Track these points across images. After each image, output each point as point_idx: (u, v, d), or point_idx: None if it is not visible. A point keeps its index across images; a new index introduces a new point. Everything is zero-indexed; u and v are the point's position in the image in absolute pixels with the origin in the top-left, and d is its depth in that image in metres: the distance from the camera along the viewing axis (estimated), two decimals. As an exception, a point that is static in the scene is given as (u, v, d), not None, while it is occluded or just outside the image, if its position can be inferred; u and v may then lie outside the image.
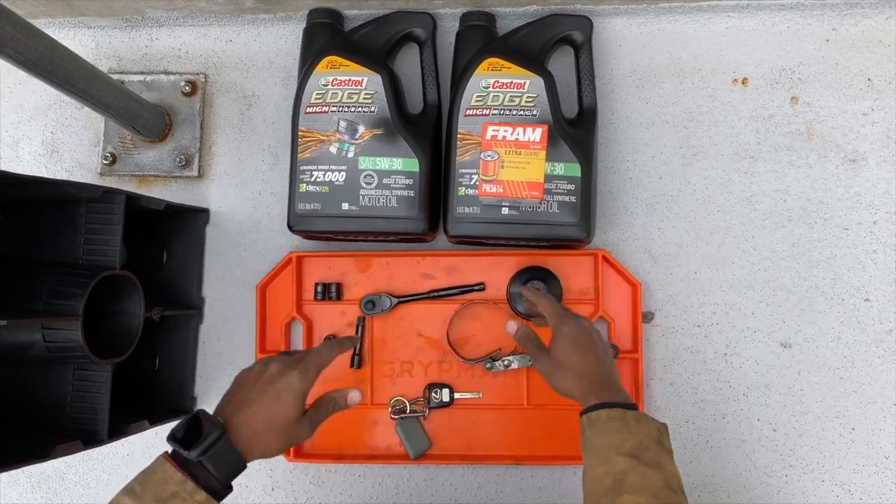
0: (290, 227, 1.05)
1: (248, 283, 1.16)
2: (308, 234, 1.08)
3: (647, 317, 1.11)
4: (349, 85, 1.03)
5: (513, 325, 0.91)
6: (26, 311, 0.86)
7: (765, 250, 1.11)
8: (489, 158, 1.01)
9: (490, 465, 1.10)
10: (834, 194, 1.11)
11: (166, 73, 1.21)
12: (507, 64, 1.02)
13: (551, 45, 1.08)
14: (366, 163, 1.03)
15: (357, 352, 1.11)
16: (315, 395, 0.82)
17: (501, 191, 1.00)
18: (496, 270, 1.11)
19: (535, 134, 1.00)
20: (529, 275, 1.08)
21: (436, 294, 1.11)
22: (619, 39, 1.15)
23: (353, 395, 0.82)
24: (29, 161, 1.22)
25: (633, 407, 0.77)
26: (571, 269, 1.10)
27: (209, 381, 1.16)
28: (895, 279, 1.09)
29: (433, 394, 1.10)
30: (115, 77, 1.19)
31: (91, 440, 0.91)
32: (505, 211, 1.01)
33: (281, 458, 1.12)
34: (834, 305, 1.09)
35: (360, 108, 1.03)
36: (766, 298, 1.10)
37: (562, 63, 1.13)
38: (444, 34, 1.16)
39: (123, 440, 0.98)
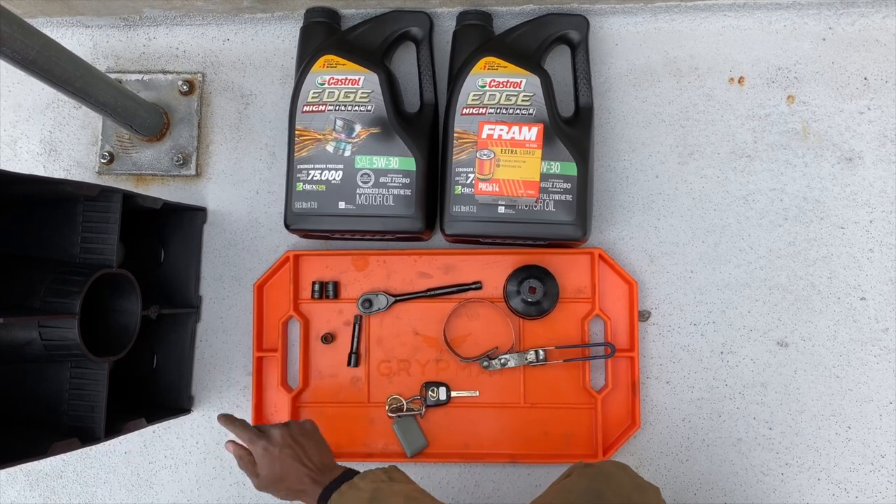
0: (286, 226, 1.05)
1: (246, 281, 1.16)
2: (305, 233, 1.09)
3: (644, 315, 1.11)
4: (346, 84, 1.03)
5: (230, 447, 0.90)
6: (23, 309, 0.86)
7: (761, 249, 1.11)
8: (485, 157, 1.01)
9: (487, 463, 1.11)
10: (830, 193, 1.11)
11: (164, 72, 1.21)
12: (503, 63, 1.02)
13: (548, 45, 1.08)
14: (362, 162, 1.03)
15: (354, 350, 1.12)
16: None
17: (497, 189, 1.01)
18: (493, 269, 1.12)
19: (531, 133, 1.00)
20: (526, 273, 1.08)
21: (433, 293, 1.11)
22: (615, 38, 1.16)
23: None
24: (27, 160, 1.22)
25: (353, 474, 0.82)
26: (568, 268, 1.10)
27: (206, 379, 1.16)
28: (891, 278, 1.09)
29: (430, 392, 1.10)
30: (112, 76, 1.19)
31: (88, 438, 0.91)
32: (501, 210, 1.01)
33: (278, 457, 1.12)
34: (830, 304, 1.09)
35: (356, 107, 1.03)
36: (762, 297, 1.10)
37: (558, 62, 1.14)
38: (441, 33, 1.16)
39: (121, 438, 0.98)
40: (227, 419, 0.90)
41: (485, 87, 1.02)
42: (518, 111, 1.01)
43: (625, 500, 0.77)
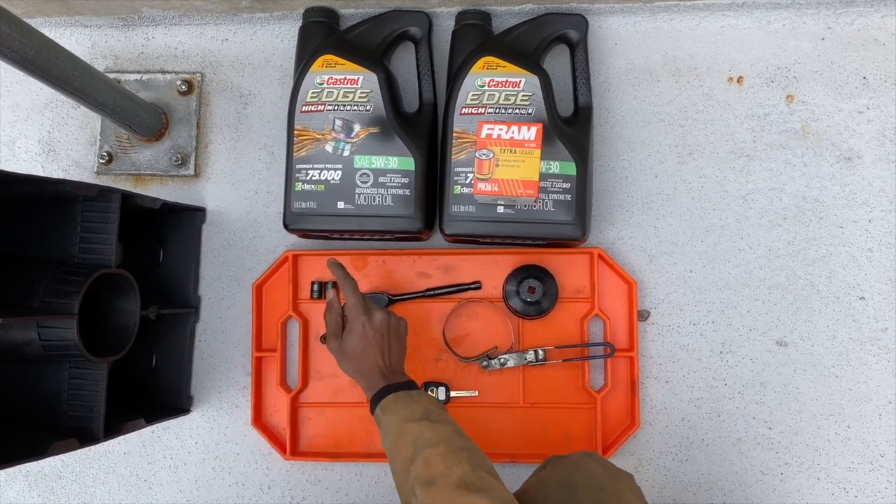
0: (285, 226, 1.05)
1: (245, 281, 1.16)
2: (304, 233, 1.08)
3: (643, 315, 1.11)
4: (345, 84, 1.03)
5: (331, 293, 0.97)
6: (22, 310, 0.86)
7: (760, 248, 1.11)
8: (484, 157, 1.01)
9: (486, 463, 1.10)
10: (829, 192, 1.11)
11: (163, 72, 1.21)
12: (502, 62, 1.02)
13: (547, 44, 1.08)
14: (361, 161, 1.03)
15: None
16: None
17: (497, 189, 1.01)
18: (492, 269, 1.12)
19: (531, 132, 1.00)
20: (525, 273, 1.08)
21: (432, 292, 1.11)
22: (614, 38, 1.15)
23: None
24: (25, 160, 1.22)
25: (415, 387, 0.87)
26: (567, 268, 1.10)
27: (205, 379, 1.16)
28: (890, 277, 1.09)
29: (429, 392, 1.10)
30: (111, 76, 1.19)
31: (87, 438, 0.91)
32: (500, 209, 1.01)
33: (277, 456, 1.12)
34: (829, 304, 1.09)
35: (355, 107, 1.03)
36: (761, 297, 1.10)
37: (557, 62, 1.14)
38: (440, 33, 1.16)
39: (120, 438, 0.98)
40: (341, 270, 0.94)
41: (484, 86, 1.02)
42: (517, 111, 1.01)
43: (598, 489, 0.78)
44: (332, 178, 1.03)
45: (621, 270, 1.09)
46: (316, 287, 1.12)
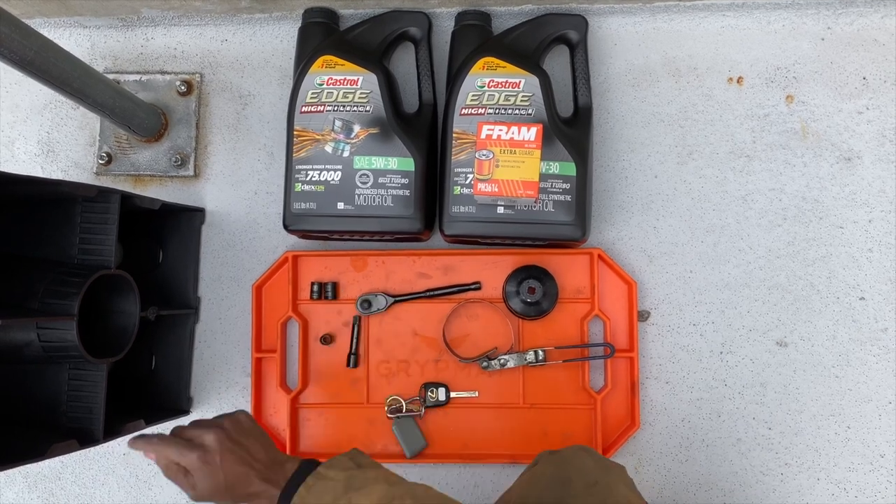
0: (285, 227, 1.05)
1: (244, 282, 1.16)
2: (304, 234, 1.08)
3: (643, 315, 1.11)
4: (344, 84, 1.03)
5: (162, 468, 0.76)
6: (22, 311, 0.86)
7: (760, 249, 1.11)
8: (484, 157, 1.01)
9: (486, 464, 1.10)
10: (829, 193, 1.11)
11: (162, 72, 1.20)
12: (502, 63, 1.02)
13: (546, 45, 1.08)
14: (361, 162, 1.03)
15: (353, 351, 1.11)
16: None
17: (497, 190, 1.01)
18: (492, 269, 1.11)
19: (530, 133, 1.00)
20: (525, 274, 1.08)
21: (432, 293, 1.11)
22: (614, 38, 1.15)
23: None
24: (24, 160, 1.21)
25: (313, 464, 0.74)
26: (567, 268, 1.10)
27: (205, 380, 1.16)
28: (890, 278, 1.09)
29: (429, 393, 1.10)
30: (110, 77, 1.18)
31: (87, 440, 0.91)
32: (500, 210, 1.01)
33: (277, 458, 1.12)
34: (829, 304, 1.09)
35: (355, 108, 1.03)
36: (761, 297, 1.10)
37: (557, 62, 1.13)
38: (440, 33, 1.16)
39: (119, 439, 0.98)
40: (141, 441, 0.76)
41: (483, 87, 1.02)
42: (517, 111, 1.01)
43: (591, 482, 0.77)
44: (332, 179, 1.03)
45: (621, 271, 1.09)
46: (316, 288, 1.12)
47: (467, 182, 1.01)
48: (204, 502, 0.74)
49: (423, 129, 1.07)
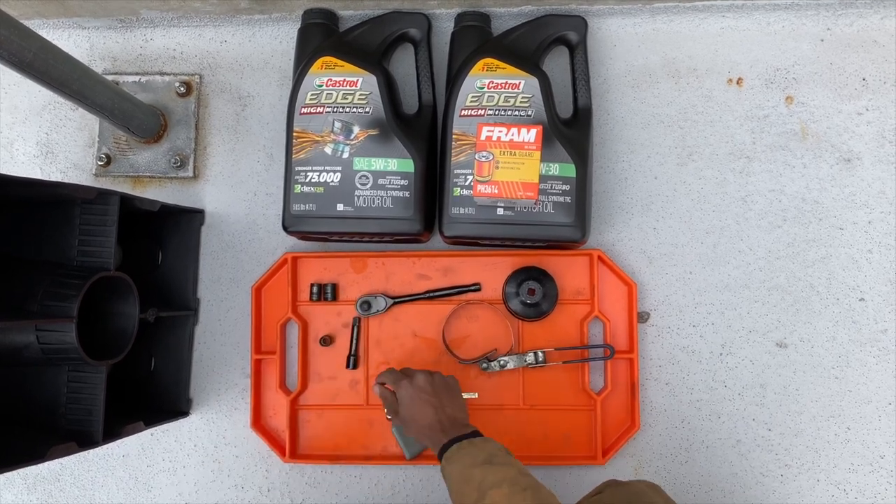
0: (285, 229, 1.05)
1: (244, 283, 1.16)
2: (303, 235, 1.08)
3: (643, 317, 1.11)
4: (344, 85, 1.03)
5: (376, 389, 1.00)
6: (21, 313, 0.85)
7: (760, 250, 1.11)
8: (484, 159, 1.01)
9: (486, 465, 1.10)
10: (829, 194, 1.11)
11: (161, 73, 1.20)
12: (501, 64, 1.02)
13: (546, 46, 1.08)
14: (361, 163, 1.02)
15: (353, 352, 1.11)
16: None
17: (496, 191, 1.00)
18: (492, 271, 1.11)
19: (530, 134, 1.00)
20: (525, 275, 1.08)
21: (431, 294, 1.11)
22: (613, 39, 1.15)
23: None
24: (23, 162, 1.21)
25: (479, 434, 0.87)
26: (567, 270, 1.10)
27: (204, 381, 1.16)
28: (890, 279, 1.09)
29: (429, 394, 1.10)
30: (109, 78, 1.18)
31: (86, 442, 0.91)
32: (500, 211, 1.01)
33: (277, 459, 1.12)
34: (829, 305, 1.09)
35: (354, 109, 1.03)
36: (761, 298, 1.10)
37: (557, 63, 1.13)
38: (439, 34, 1.16)
39: (119, 441, 0.98)
40: (386, 374, 0.99)
41: (483, 88, 1.02)
42: (517, 112, 1.01)
43: None
44: (332, 180, 1.03)
45: (621, 272, 1.09)
46: (315, 289, 1.12)
47: (467, 183, 1.01)
48: (400, 426, 0.97)
49: (423, 131, 1.07)
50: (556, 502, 0.76)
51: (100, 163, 1.19)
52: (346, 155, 1.03)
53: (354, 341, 1.12)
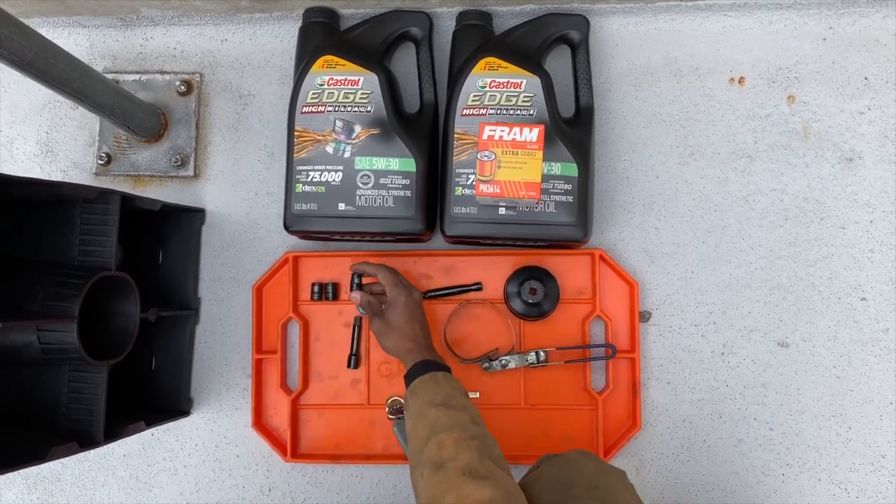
0: (286, 228, 1.04)
1: (245, 283, 1.15)
2: (304, 235, 1.08)
3: (644, 316, 1.11)
4: (345, 84, 1.03)
5: (356, 296, 1.03)
6: (21, 313, 0.85)
7: (762, 249, 1.11)
8: (486, 159, 1.00)
9: (487, 464, 1.10)
10: (831, 193, 1.11)
11: (161, 72, 1.20)
12: (503, 63, 1.02)
13: (548, 45, 1.08)
14: (362, 163, 1.02)
15: (354, 352, 1.11)
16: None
17: (498, 191, 1.00)
18: (493, 270, 1.11)
19: (532, 134, 1.00)
20: (527, 274, 1.08)
21: (433, 294, 1.11)
22: (615, 38, 1.15)
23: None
24: (23, 161, 1.21)
25: (446, 369, 0.92)
26: (568, 269, 1.10)
27: (205, 381, 1.15)
28: (892, 278, 1.09)
29: (430, 394, 1.09)
30: (109, 76, 1.18)
31: (87, 442, 0.91)
32: (502, 211, 1.00)
33: (278, 459, 1.12)
34: (831, 304, 1.09)
35: (356, 108, 1.02)
36: (762, 298, 1.10)
37: (559, 62, 1.13)
38: (441, 33, 1.15)
39: (120, 441, 0.98)
40: (370, 265, 1.03)
41: (485, 87, 1.01)
42: (519, 112, 1.00)
43: (592, 486, 0.79)
44: (333, 180, 1.02)
45: (622, 271, 1.09)
46: (316, 289, 1.12)
47: (468, 183, 1.01)
48: (376, 332, 0.99)
49: (425, 130, 1.06)
50: (498, 453, 0.79)
51: (100, 162, 1.19)
52: (347, 154, 1.02)
53: (356, 341, 1.11)
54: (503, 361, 1.08)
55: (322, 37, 1.09)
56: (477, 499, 0.68)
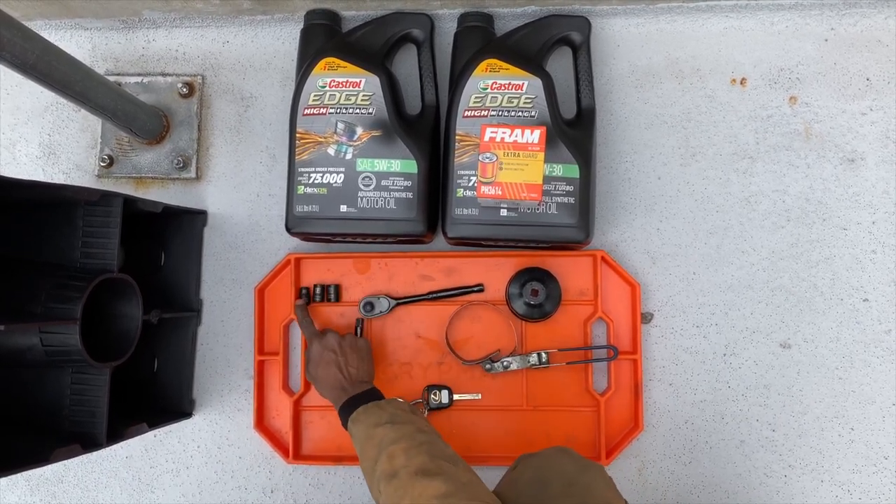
0: (288, 230, 1.05)
1: (247, 284, 1.16)
2: (306, 236, 1.08)
3: (646, 317, 1.11)
4: (347, 86, 1.03)
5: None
6: (24, 315, 0.85)
7: (763, 251, 1.10)
8: (488, 160, 1.01)
9: (490, 466, 1.09)
10: (833, 194, 1.11)
11: (163, 74, 1.20)
12: (505, 65, 1.02)
13: (550, 46, 1.08)
14: (364, 164, 1.02)
15: (356, 353, 1.11)
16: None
17: (500, 193, 1.00)
18: (495, 272, 1.11)
19: (534, 135, 1.00)
20: (528, 276, 1.08)
21: (435, 295, 1.11)
22: (617, 40, 1.15)
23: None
24: (26, 163, 1.21)
25: (380, 396, 0.93)
26: (570, 270, 1.10)
27: (207, 383, 1.16)
28: (894, 279, 1.09)
29: (432, 395, 1.10)
30: (111, 79, 1.18)
31: (89, 444, 0.91)
32: (503, 212, 1.00)
33: (280, 460, 1.12)
34: (833, 306, 1.09)
35: (358, 110, 1.03)
36: (764, 299, 1.10)
37: (560, 64, 1.13)
38: (442, 35, 1.15)
39: (122, 443, 0.98)
40: (301, 311, 1.07)
41: (486, 89, 1.01)
42: (520, 113, 1.01)
43: (569, 483, 0.79)
44: (335, 182, 1.03)
45: (624, 273, 1.09)
46: (318, 290, 1.12)
47: (470, 184, 1.01)
48: (310, 381, 1.02)
49: (426, 132, 1.06)
50: (451, 452, 0.80)
51: (102, 164, 1.19)
52: (349, 156, 1.02)
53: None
54: (505, 363, 1.08)
55: (324, 39, 1.09)
56: (431, 494, 0.70)
